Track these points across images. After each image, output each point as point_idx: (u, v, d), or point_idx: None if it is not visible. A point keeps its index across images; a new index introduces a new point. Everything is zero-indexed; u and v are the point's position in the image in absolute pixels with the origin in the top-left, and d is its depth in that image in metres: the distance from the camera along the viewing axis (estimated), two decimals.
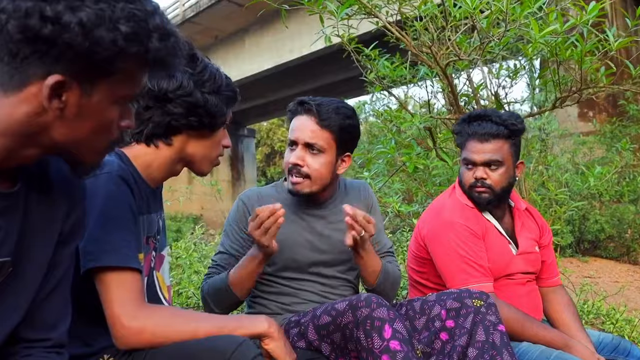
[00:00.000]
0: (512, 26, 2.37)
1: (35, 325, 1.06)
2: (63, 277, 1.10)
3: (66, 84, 0.85)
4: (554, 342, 1.79)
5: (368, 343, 1.38)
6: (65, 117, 0.88)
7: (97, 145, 0.97)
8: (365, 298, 1.44)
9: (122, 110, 0.96)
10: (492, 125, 1.96)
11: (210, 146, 1.43)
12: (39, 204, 1.03)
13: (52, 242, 1.06)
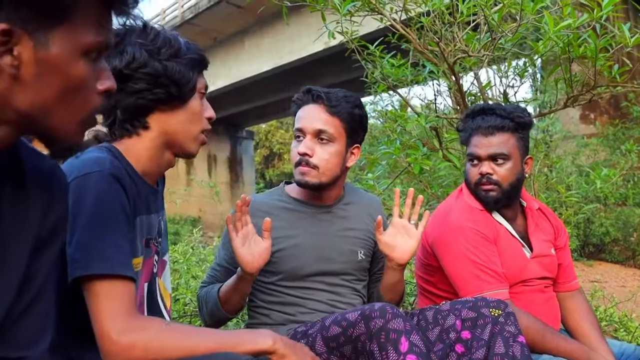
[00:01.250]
0: (525, 20, 2.27)
1: (11, 344, 0.92)
2: (42, 288, 0.95)
3: (14, 33, 0.73)
4: (576, 355, 1.68)
5: (382, 357, 1.27)
6: (23, 80, 0.75)
7: (71, 113, 0.82)
8: (380, 308, 1.33)
9: (95, 69, 0.83)
10: (497, 118, 1.86)
11: (188, 119, 1.31)
12: (11, 203, 0.89)
13: (27, 247, 0.92)
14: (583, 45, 2.51)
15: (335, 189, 1.79)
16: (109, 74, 0.86)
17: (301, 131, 1.68)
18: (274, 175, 32.97)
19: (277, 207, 1.72)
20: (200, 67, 1.31)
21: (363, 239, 1.84)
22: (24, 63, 0.74)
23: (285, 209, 1.73)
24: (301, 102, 1.72)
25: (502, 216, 1.93)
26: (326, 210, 1.80)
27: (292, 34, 17.52)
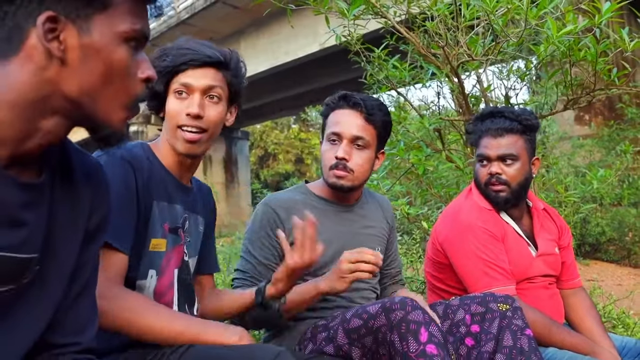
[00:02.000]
0: (528, 25, 2.34)
1: (64, 329, 1.00)
2: (89, 279, 1.04)
3: (59, 21, 0.81)
4: (580, 348, 1.75)
5: (403, 347, 1.33)
6: (69, 64, 0.83)
7: (114, 97, 0.89)
8: (400, 301, 1.39)
9: (135, 58, 0.90)
10: (506, 120, 1.94)
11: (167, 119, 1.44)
12: (64, 198, 0.97)
13: (79, 239, 1.00)
14: (583, 50, 2.59)
15: (359, 190, 1.87)
16: (149, 64, 0.93)
17: (338, 135, 1.75)
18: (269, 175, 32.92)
19: (304, 204, 1.78)
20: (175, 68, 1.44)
21: (379, 237, 1.93)
22: (69, 48, 0.83)
23: (312, 207, 1.79)
24: (335, 107, 1.79)
25: (510, 216, 2.00)
26: (348, 209, 1.88)
27: (289, 35, 17.54)
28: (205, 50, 1.40)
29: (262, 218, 1.76)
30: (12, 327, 0.90)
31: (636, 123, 7.91)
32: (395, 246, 2.06)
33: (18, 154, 0.85)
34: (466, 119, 3.18)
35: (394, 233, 2.05)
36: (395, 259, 2.04)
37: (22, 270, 0.88)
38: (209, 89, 1.39)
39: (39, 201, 0.91)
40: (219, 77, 1.42)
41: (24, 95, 0.83)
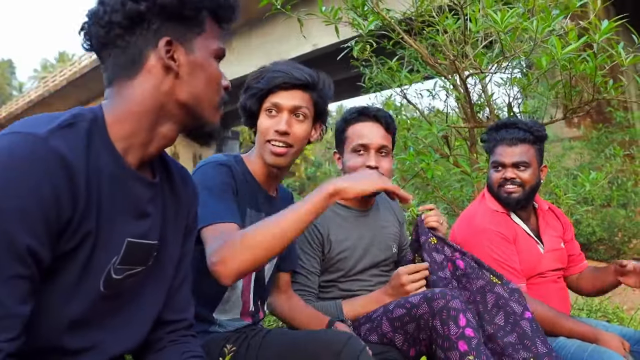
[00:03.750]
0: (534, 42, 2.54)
1: (174, 308, 1.20)
2: (188, 269, 1.25)
3: (173, 43, 1.03)
4: (586, 335, 1.95)
5: (444, 330, 1.53)
6: (181, 77, 1.05)
7: (213, 100, 1.12)
8: (440, 291, 1.60)
9: (219, 70, 1.13)
10: (520, 131, 2.14)
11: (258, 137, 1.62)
12: (170, 195, 1.18)
13: (181, 231, 1.21)
14: (583, 64, 2.79)
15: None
16: (224, 75, 1.16)
17: (365, 147, 1.94)
18: None
19: (332, 212, 1.97)
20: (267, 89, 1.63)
21: (393, 235, 2.13)
22: (181, 65, 1.06)
23: (336, 214, 1.98)
24: (356, 120, 1.97)
25: (519, 217, 2.20)
26: (366, 213, 2.07)
27: (281, 36, 17.70)
28: (295, 73, 1.56)
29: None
30: (143, 303, 1.12)
31: (624, 126, 8.20)
32: (407, 240, 2.22)
33: (143, 157, 1.07)
34: (471, 126, 3.39)
35: (404, 228, 2.24)
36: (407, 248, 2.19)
37: (148, 255, 1.09)
38: (296, 109, 1.57)
39: (157, 197, 1.12)
40: (306, 98, 1.58)
41: (147, 106, 1.04)
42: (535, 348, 1.68)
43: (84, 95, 31.29)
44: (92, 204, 0.95)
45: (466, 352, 1.48)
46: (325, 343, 1.23)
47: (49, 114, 0.97)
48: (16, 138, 0.87)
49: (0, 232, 0.83)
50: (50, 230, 0.88)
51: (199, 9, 1.05)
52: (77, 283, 0.97)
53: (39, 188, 0.86)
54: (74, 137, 0.93)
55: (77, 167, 0.91)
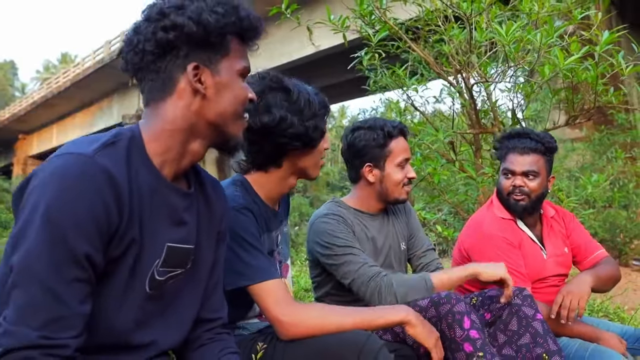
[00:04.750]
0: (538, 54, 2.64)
1: (210, 307, 1.32)
2: (221, 272, 1.37)
3: (200, 67, 1.15)
4: (587, 336, 2.05)
5: (451, 334, 1.63)
6: (209, 98, 1.17)
7: (237, 116, 1.22)
8: (446, 295, 1.70)
9: (244, 85, 1.24)
10: (531, 141, 2.23)
11: (315, 155, 1.68)
12: (204, 205, 1.30)
13: (214, 238, 1.33)
14: (585, 73, 2.89)
15: None
16: (250, 89, 1.27)
17: (408, 160, 2.12)
18: None
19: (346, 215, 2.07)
20: (327, 114, 1.68)
21: (402, 233, 2.23)
22: (208, 87, 1.18)
23: (356, 216, 2.08)
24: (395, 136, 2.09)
25: (525, 223, 2.30)
26: (380, 215, 2.17)
27: (283, 37, 17.77)
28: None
29: (344, 229, 1.99)
30: (184, 303, 1.24)
31: (625, 128, 8.29)
32: (416, 230, 2.31)
33: (178, 170, 1.20)
34: (476, 131, 3.49)
35: (411, 219, 2.32)
36: (416, 243, 2.28)
37: (186, 258, 1.22)
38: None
39: (192, 206, 1.24)
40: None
41: (179, 125, 1.16)
42: (547, 345, 1.79)
43: (88, 96, 31.42)
44: (135, 214, 1.08)
45: (472, 353, 1.59)
46: (347, 342, 1.33)
47: (94, 135, 1.11)
48: (68, 159, 1.01)
49: (61, 242, 0.96)
50: (101, 238, 1.01)
51: (223, 35, 1.16)
52: (127, 284, 1.10)
53: (91, 202, 0.99)
54: (116, 154, 1.07)
55: (121, 181, 1.04)
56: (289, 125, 1.54)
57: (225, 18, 1.15)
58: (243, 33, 1.21)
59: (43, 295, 0.94)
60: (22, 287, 0.95)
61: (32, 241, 0.95)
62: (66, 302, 0.96)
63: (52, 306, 0.95)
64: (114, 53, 26.06)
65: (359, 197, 2.15)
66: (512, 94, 3.40)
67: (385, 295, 1.81)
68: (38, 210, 0.96)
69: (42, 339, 0.93)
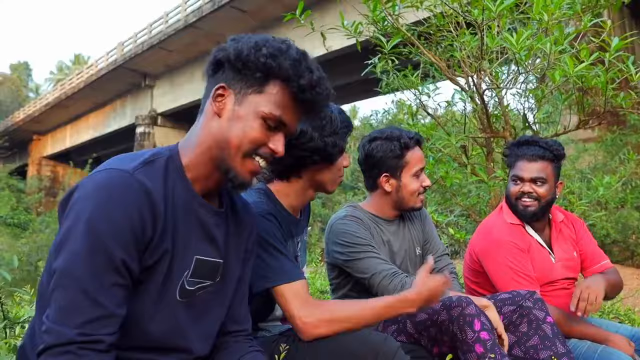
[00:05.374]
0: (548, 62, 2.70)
1: (235, 319, 1.40)
2: (247, 288, 1.45)
3: (226, 90, 1.23)
4: (597, 337, 2.11)
5: (462, 336, 1.71)
6: (221, 119, 1.23)
7: (241, 150, 1.22)
8: (457, 299, 1.77)
9: (269, 132, 1.24)
10: (540, 148, 2.30)
11: (333, 171, 1.75)
12: (233, 225, 1.38)
13: (242, 254, 1.41)
14: (595, 79, 2.94)
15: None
16: (281, 144, 1.27)
17: (423, 169, 2.18)
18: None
19: (364, 219, 2.15)
20: (349, 133, 1.74)
21: (418, 238, 2.30)
22: (224, 109, 1.24)
23: (372, 222, 2.16)
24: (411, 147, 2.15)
25: (533, 228, 2.36)
26: (397, 221, 2.24)
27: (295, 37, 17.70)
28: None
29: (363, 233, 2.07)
30: (212, 314, 1.33)
31: (638, 129, 8.27)
32: (432, 236, 2.37)
33: (206, 188, 1.27)
34: (488, 135, 3.55)
35: (427, 225, 2.38)
36: (431, 248, 2.34)
37: (214, 271, 1.30)
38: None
39: (222, 224, 1.33)
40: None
41: (202, 142, 1.24)
42: (555, 348, 1.86)
43: (101, 97, 31.69)
44: (169, 227, 1.17)
45: (483, 354, 1.66)
46: (365, 344, 1.41)
47: (134, 152, 1.21)
48: (110, 174, 1.11)
49: (102, 250, 1.05)
50: (138, 247, 1.11)
51: (257, 70, 1.21)
52: (160, 292, 1.19)
53: (129, 214, 1.08)
54: (154, 172, 1.16)
55: (157, 196, 1.13)
56: (308, 140, 1.61)
57: (265, 58, 1.20)
58: (287, 83, 1.22)
59: (82, 298, 1.03)
60: (64, 289, 1.04)
61: (75, 248, 1.05)
62: (103, 304, 1.05)
63: (90, 308, 1.04)
64: (127, 54, 26.30)
65: (375, 204, 2.23)
66: (522, 99, 3.45)
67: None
68: (81, 219, 1.05)
69: (79, 335, 1.02)
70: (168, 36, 22.96)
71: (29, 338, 1.20)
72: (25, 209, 29.54)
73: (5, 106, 58.67)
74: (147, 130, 27.77)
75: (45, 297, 1.12)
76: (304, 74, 1.23)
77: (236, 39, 1.25)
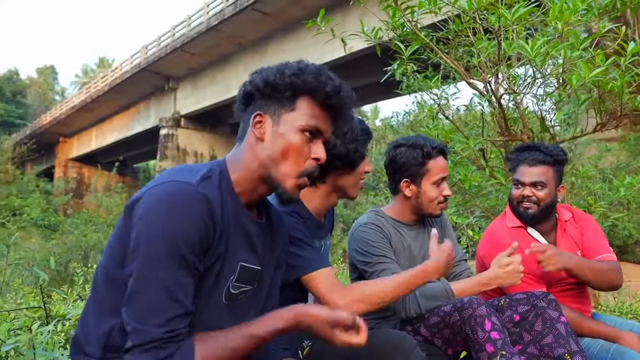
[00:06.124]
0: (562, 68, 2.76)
1: None
2: (277, 295, 1.55)
3: (262, 116, 1.37)
4: (608, 335, 2.18)
5: (474, 336, 1.80)
6: (265, 143, 1.36)
7: (288, 167, 1.36)
8: (468, 301, 1.86)
9: (310, 143, 1.38)
10: (540, 153, 2.38)
11: (355, 176, 1.87)
12: (269, 235, 1.50)
13: (274, 263, 1.52)
14: (611, 83, 2.99)
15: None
16: (322, 150, 1.41)
17: (444, 179, 2.26)
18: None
19: (392, 227, 2.25)
20: (369, 141, 1.86)
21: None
22: (265, 133, 1.37)
23: (394, 227, 2.25)
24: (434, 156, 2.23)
25: (538, 231, 2.43)
26: (417, 225, 2.34)
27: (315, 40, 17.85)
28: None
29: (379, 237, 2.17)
30: (249, 316, 1.42)
31: None
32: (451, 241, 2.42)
33: (249, 201, 1.40)
34: (506, 139, 3.61)
35: (447, 231, 2.48)
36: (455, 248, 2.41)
37: (254, 278, 1.42)
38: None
39: (262, 234, 1.44)
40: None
41: (247, 163, 1.38)
42: (569, 346, 1.93)
43: (125, 100, 32.20)
44: (224, 234, 1.30)
45: (493, 353, 1.76)
46: (384, 341, 1.51)
47: (189, 166, 1.35)
48: (175, 185, 1.24)
49: (178, 253, 1.18)
50: (202, 249, 1.24)
51: (286, 90, 1.35)
52: (210, 292, 1.31)
53: (196, 221, 1.21)
54: (212, 185, 1.30)
55: (215, 206, 1.27)
56: (332, 146, 1.73)
57: (290, 78, 1.34)
58: (313, 95, 1.37)
59: (165, 298, 1.16)
60: (146, 291, 1.17)
61: (153, 253, 1.17)
62: (183, 303, 1.18)
63: (172, 307, 1.17)
64: (150, 57, 26.69)
65: (397, 208, 2.32)
66: (540, 103, 3.51)
67: (409, 305, 1.99)
68: (156, 226, 1.18)
69: (165, 333, 1.15)
70: (191, 39, 23.27)
71: (81, 329, 1.32)
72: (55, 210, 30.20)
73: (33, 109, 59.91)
74: (171, 132, 28.15)
75: (100, 294, 1.28)
76: (327, 83, 1.36)
77: (258, 71, 1.39)
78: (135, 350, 1.14)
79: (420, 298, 1.99)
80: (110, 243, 1.29)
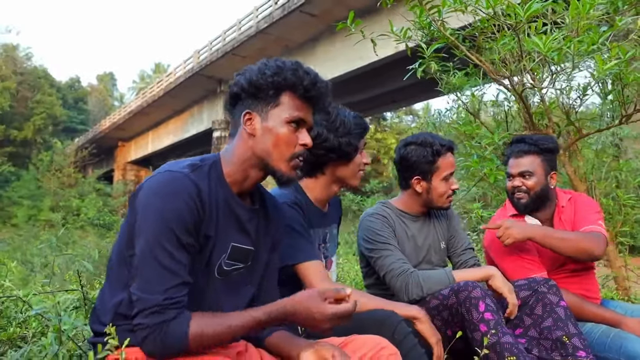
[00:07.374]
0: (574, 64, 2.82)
1: (264, 301, 1.64)
2: (275, 273, 1.74)
3: (252, 114, 1.54)
4: (610, 320, 2.25)
5: (469, 316, 1.93)
6: (257, 138, 1.54)
7: (281, 155, 1.54)
8: (464, 284, 2.00)
9: (297, 132, 1.56)
10: (525, 144, 2.50)
11: (352, 167, 2.04)
12: (263, 220, 1.67)
13: (269, 245, 1.70)
14: (633, 74, 3.02)
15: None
16: (307, 136, 1.58)
17: (452, 174, 2.38)
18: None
19: (390, 216, 2.39)
20: (364, 134, 2.02)
21: (443, 233, 2.52)
22: (256, 129, 1.55)
23: (397, 217, 2.40)
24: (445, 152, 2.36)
25: (537, 218, 2.52)
26: (423, 217, 2.46)
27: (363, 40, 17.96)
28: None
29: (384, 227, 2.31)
30: (242, 292, 1.63)
31: None
32: (456, 231, 2.57)
33: (242, 189, 1.58)
34: (531, 133, 3.66)
35: (453, 222, 2.59)
36: (456, 243, 2.54)
37: (246, 256, 1.60)
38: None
39: (254, 218, 1.62)
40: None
41: (240, 157, 1.56)
42: (567, 329, 2.03)
43: (179, 104, 33.15)
44: (213, 217, 1.49)
45: (486, 332, 1.88)
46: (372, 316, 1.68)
47: (185, 160, 1.53)
48: (169, 174, 1.44)
49: (170, 233, 1.38)
50: (195, 227, 1.43)
51: (269, 89, 1.52)
52: (204, 269, 1.51)
53: (187, 204, 1.40)
54: (201, 174, 1.49)
55: (205, 192, 1.46)
56: (323, 140, 1.93)
57: (272, 77, 1.51)
58: (295, 88, 1.54)
59: (162, 271, 1.36)
60: (146, 266, 1.37)
61: (152, 234, 1.37)
62: (178, 273, 1.37)
63: (170, 278, 1.36)
64: (203, 62, 27.41)
65: (405, 201, 2.46)
66: (563, 96, 3.54)
67: (412, 289, 2.12)
68: (151, 210, 1.38)
69: (165, 300, 1.35)
70: (240, 43, 23.78)
71: (99, 302, 1.54)
72: (110, 211, 31.52)
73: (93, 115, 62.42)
74: (224, 135, 28.81)
75: (114, 272, 1.49)
76: (304, 77, 1.54)
77: (241, 72, 1.57)
78: (139, 316, 1.35)
79: (424, 281, 2.12)
80: (122, 229, 1.50)
